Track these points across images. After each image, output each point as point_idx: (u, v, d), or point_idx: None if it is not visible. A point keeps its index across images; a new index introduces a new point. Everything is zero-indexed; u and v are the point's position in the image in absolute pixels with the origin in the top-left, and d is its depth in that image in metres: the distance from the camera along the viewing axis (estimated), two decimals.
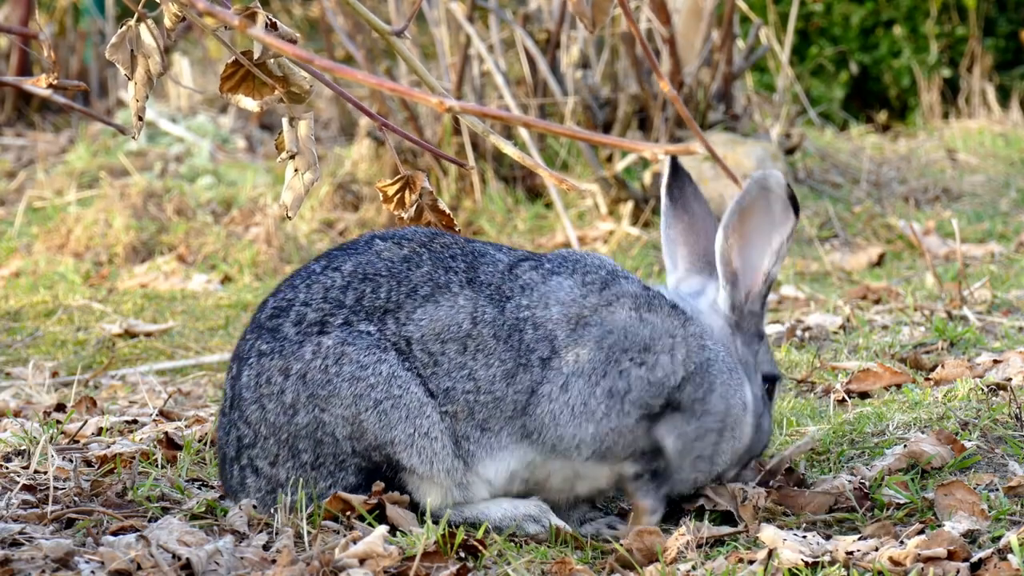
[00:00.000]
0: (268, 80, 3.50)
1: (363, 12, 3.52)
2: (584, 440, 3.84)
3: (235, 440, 3.89)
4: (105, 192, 9.34)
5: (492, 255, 3.93)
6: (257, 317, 3.95)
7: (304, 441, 3.81)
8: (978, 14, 13.34)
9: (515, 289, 3.87)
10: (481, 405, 3.81)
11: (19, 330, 7.01)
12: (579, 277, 3.91)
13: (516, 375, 3.81)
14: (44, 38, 3.43)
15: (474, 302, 3.84)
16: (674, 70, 8.98)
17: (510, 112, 6.25)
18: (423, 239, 3.92)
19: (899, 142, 11.67)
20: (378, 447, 3.79)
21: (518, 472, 3.87)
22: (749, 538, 3.85)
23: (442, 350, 3.82)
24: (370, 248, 3.92)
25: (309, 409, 3.80)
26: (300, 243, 8.76)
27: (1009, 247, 8.15)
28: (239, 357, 3.92)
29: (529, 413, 3.82)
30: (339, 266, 3.90)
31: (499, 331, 3.82)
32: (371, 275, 3.87)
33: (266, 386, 3.83)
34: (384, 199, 3.72)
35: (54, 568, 3.50)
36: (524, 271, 3.91)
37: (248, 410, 3.86)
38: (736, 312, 3.98)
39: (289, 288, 3.92)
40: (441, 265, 3.88)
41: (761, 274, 3.95)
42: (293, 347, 3.83)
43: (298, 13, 15.61)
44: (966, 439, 4.37)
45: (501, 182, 9.21)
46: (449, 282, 3.86)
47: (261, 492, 3.88)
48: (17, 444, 4.64)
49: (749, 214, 3.92)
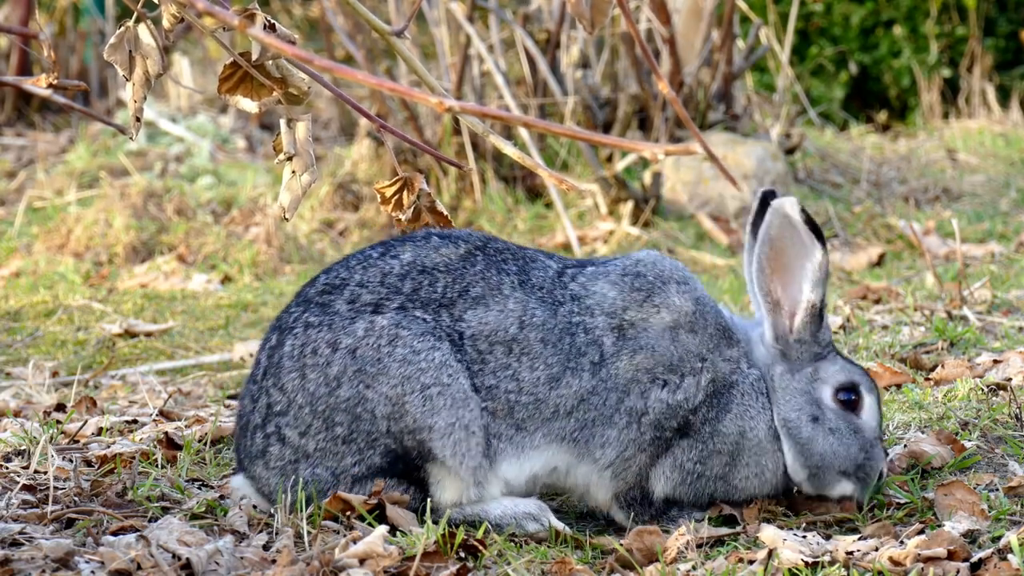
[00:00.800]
0: (266, 82, 3.49)
1: (363, 12, 3.52)
2: (610, 442, 3.90)
3: (264, 407, 3.90)
4: (105, 192, 9.34)
5: (543, 261, 4.00)
6: (305, 291, 3.98)
7: (342, 415, 3.83)
8: (978, 14, 13.34)
9: (566, 295, 3.93)
10: (522, 406, 3.88)
11: (19, 330, 7.01)
12: (628, 283, 3.96)
13: (562, 379, 3.88)
14: (44, 38, 3.43)
15: (524, 305, 3.90)
16: (674, 70, 8.98)
17: (510, 112, 6.25)
18: (479, 241, 3.99)
19: (899, 142, 11.67)
20: (414, 431, 3.81)
21: (540, 477, 3.94)
22: (749, 538, 3.85)
23: (490, 349, 3.88)
24: (428, 242, 3.97)
25: (354, 384, 3.83)
26: (300, 243, 8.76)
27: (1009, 247, 8.15)
28: (280, 328, 3.94)
29: (573, 416, 3.88)
30: (398, 255, 3.95)
31: (548, 335, 3.89)
32: (429, 268, 3.93)
33: (311, 356, 3.86)
34: (382, 200, 3.72)
35: (54, 568, 3.50)
36: (574, 276, 3.98)
37: (286, 378, 3.87)
38: (781, 342, 3.99)
39: (343, 268, 3.97)
40: (495, 267, 3.93)
41: (803, 303, 3.95)
42: (344, 322, 3.87)
43: (298, 13, 15.61)
44: (966, 439, 4.37)
45: (501, 182, 9.21)
46: (501, 284, 3.91)
47: (283, 462, 3.88)
48: (17, 444, 4.64)
49: (779, 244, 3.94)
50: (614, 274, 3.99)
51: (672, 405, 3.91)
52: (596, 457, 3.91)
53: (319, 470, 3.85)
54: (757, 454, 3.97)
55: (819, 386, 4.00)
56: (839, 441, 3.97)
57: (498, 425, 3.87)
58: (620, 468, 3.93)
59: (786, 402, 3.98)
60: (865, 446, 3.98)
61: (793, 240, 3.92)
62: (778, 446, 3.97)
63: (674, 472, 3.95)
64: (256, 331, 6.99)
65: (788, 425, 3.98)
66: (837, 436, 3.97)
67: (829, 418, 3.98)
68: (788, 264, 3.94)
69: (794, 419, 3.97)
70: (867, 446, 3.98)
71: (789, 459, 3.97)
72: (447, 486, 3.86)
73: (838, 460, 3.97)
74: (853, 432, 3.97)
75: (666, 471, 3.95)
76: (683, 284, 3.99)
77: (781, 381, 3.99)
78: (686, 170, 9.09)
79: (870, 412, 4.00)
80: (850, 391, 4.00)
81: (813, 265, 3.93)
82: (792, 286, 3.96)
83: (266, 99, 3.51)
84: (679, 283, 3.99)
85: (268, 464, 3.90)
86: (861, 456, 3.98)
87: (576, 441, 3.90)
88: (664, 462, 3.95)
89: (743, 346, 4.00)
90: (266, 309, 7.39)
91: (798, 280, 3.94)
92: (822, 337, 3.99)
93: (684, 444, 3.94)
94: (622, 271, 4.00)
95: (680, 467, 3.95)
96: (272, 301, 7.54)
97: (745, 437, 3.96)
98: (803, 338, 3.99)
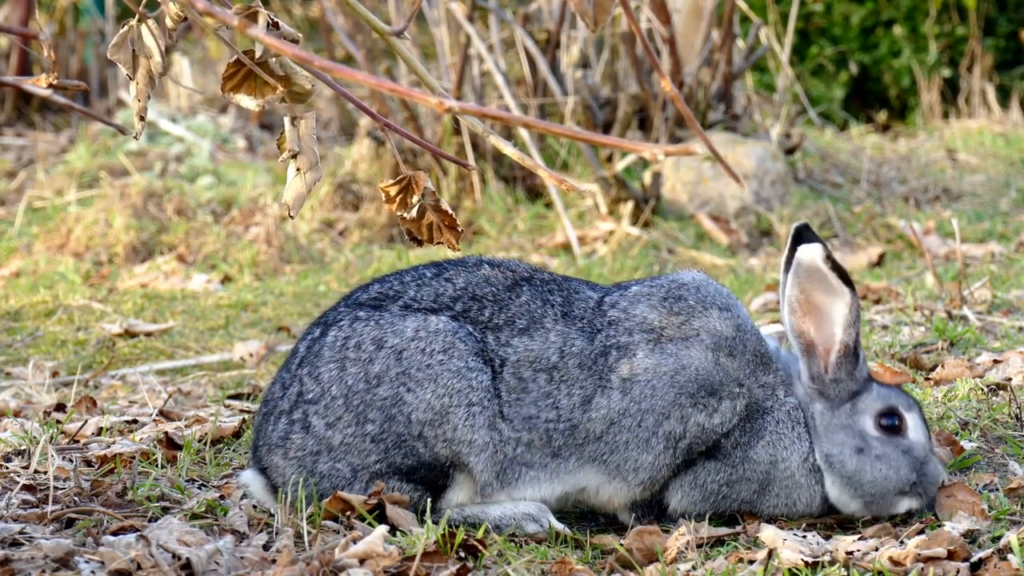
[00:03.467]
0: (270, 80, 3.49)
1: (363, 13, 3.52)
2: (644, 466, 3.92)
3: (295, 394, 3.90)
4: (105, 192, 9.34)
5: (585, 292, 4.02)
6: (356, 296, 4.00)
7: (376, 412, 3.85)
8: (978, 14, 13.34)
9: (604, 322, 3.96)
10: (559, 433, 3.90)
11: (19, 330, 7.01)
12: (666, 305, 3.97)
13: (593, 399, 3.90)
14: (44, 38, 3.43)
15: (564, 336, 3.93)
16: (674, 70, 8.98)
17: (510, 112, 6.25)
18: (525, 273, 4.02)
19: (899, 142, 11.67)
20: (453, 440, 3.83)
21: (571, 495, 3.98)
22: (749, 538, 3.85)
23: (533, 377, 3.90)
24: (479, 270, 4.01)
25: (395, 385, 3.84)
26: (300, 243, 8.76)
27: (1009, 247, 8.15)
28: (326, 323, 3.95)
29: (604, 440, 3.90)
30: (451, 278, 3.99)
31: (584, 360, 3.92)
32: (479, 296, 3.96)
33: (354, 350, 3.87)
34: (386, 200, 3.72)
35: (54, 568, 3.50)
36: (613, 301, 4.00)
37: (323, 368, 3.88)
38: (817, 382, 4.00)
39: (398, 282, 4.00)
40: (540, 297, 3.96)
41: (836, 344, 3.96)
42: (394, 319, 3.88)
43: (298, 13, 15.62)
44: (966, 439, 4.37)
45: (501, 182, 9.21)
46: (544, 316, 3.93)
47: (303, 452, 3.88)
48: (17, 444, 4.64)
49: (808, 287, 3.95)
50: (655, 297, 4.01)
51: (708, 429, 3.92)
52: (628, 479, 3.93)
53: (340, 464, 3.85)
54: (788, 487, 3.97)
55: (859, 418, 4.00)
56: (888, 466, 3.97)
57: (532, 455, 3.90)
58: (649, 484, 3.95)
59: (827, 438, 3.99)
60: (916, 464, 3.98)
61: (823, 285, 3.93)
62: (816, 479, 3.97)
63: (694, 491, 3.96)
64: (256, 331, 6.99)
65: (831, 460, 3.98)
66: (885, 461, 3.97)
67: (874, 446, 3.97)
68: (819, 307, 3.96)
69: (836, 454, 3.97)
70: (919, 463, 3.98)
71: (834, 493, 3.97)
72: (464, 489, 3.89)
73: (891, 484, 3.97)
74: (902, 454, 3.97)
75: (685, 488, 3.95)
76: (725, 311, 4.00)
77: (821, 419, 4.00)
78: (686, 170, 9.09)
79: (915, 430, 4.01)
80: (891, 415, 4.00)
81: (843, 308, 3.94)
82: (824, 327, 3.97)
83: (270, 97, 3.50)
84: (722, 309, 4.00)
85: (287, 453, 3.89)
86: (914, 475, 3.97)
87: (607, 463, 3.92)
88: (684, 478, 3.95)
89: (781, 375, 4.01)
90: (266, 309, 7.39)
91: (830, 322, 3.96)
92: (859, 374, 4.00)
93: (710, 466, 3.95)
94: (664, 294, 4.01)
95: (702, 487, 3.96)
96: (272, 301, 7.54)
97: (776, 467, 3.96)
98: (839, 377, 3.99)
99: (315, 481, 3.86)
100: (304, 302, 7.52)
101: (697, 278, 4.07)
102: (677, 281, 4.05)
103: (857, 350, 3.99)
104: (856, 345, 3.98)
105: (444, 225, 3.76)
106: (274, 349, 6.52)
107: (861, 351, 4.00)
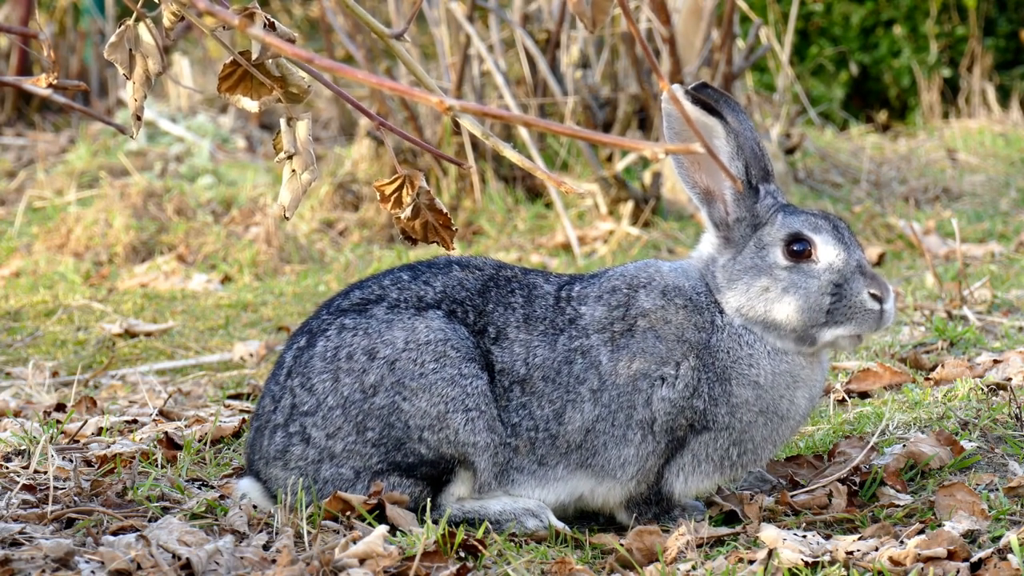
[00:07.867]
0: (266, 80, 3.49)
1: (363, 15, 3.51)
2: (628, 460, 3.90)
3: (288, 407, 3.88)
4: (105, 192, 9.34)
5: (542, 287, 3.97)
6: (337, 302, 3.97)
7: (375, 420, 3.84)
8: (978, 14, 13.34)
9: (565, 321, 3.93)
10: (540, 442, 3.89)
11: (19, 330, 7.00)
12: (607, 300, 3.94)
13: (566, 413, 3.88)
14: (44, 38, 3.43)
15: (527, 347, 3.90)
16: (674, 70, 8.98)
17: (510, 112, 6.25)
18: (491, 271, 3.99)
19: (899, 142, 11.67)
20: (456, 443, 3.84)
21: (567, 504, 3.98)
22: (749, 538, 3.85)
23: (510, 387, 3.89)
24: (450, 272, 3.98)
25: (391, 394, 3.83)
26: (300, 243, 8.76)
27: (1009, 247, 8.15)
28: (311, 332, 3.92)
29: (583, 448, 3.89)
30: (429, 280, 3.95)
31: (547, 372, 3.89)
32: (459, 300, 3.94)
33: (347, 361, 3.86)
34: (382, 198, 3.72)
35: (54, 568, 3.50)
36: (568, 296, 3.96)
37: (316, 379, 3.87)
38: (722, 228, 3.90)
39: (377, 285, 3.98)
40: (503, 303, 3.93)
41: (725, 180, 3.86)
42: (381, 326, 3.85)
43: (298, 13, 15.61)
44: (966, 439, 4.37)
45: (501, 182, 9.21)
46: (507, 324, 3.91)
47: (304, 462, 3.87)
48: (17, 444, 4.64)
49: (684, 136, 3.84)
50: (602, 292, 3.96)
51: (676, 400, 3.87)
52: (617, 476, 3.92)
53: (343, 469, 3.85)
54: (776, 408, 3.91)
55: (767, 252, 3.87)
56: (797, 297, 3.81)
57: (520, 460, 3.90)
58: (642, 476, 3.93)
59: (732, 291, 3.88)
60: (828, 288, 3.82)
61: (697, 126, 3.85)
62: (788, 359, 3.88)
63: (701, 467, 3.91)
64: (256, 331, 6.99)
65: (742, 312, 3.87)
66: (793, 292, 3.82)
67: (781, 278, 3.84)
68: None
69: (744, 303, 3.87)
70: (833, 286, 3.82)
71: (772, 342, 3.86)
72: (465, 484, 3.89)
73: (805, 315, 3.82)
74: (812, 279, 3.82)
75: (687, 469, 3.92)
76: (647, 286, 3.95)
77: (724, 272, 3.89)
78: None
79: (827, 251, 3.84)
80: (799, 241, 3.86)
81: (720, 142, 3.84)
82: (712, 168, 3.86)
83: (266, 98, 3.50)
84: (644, 286, 3.95)
85: (288, 464, 3.88)
86: (827, 299, 3.81)
87: (593, 467, 3.91)
88: (682, 460, 3.92)
89: (705, 297, 3.91)
90: (266, 309, 7.39)
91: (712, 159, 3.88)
92: (760, 208, 3.89)
93: (704, 438, 3.91)
94: (605, 289, 3.97)
95: (708, 459, 3.91)
96: (272, 301, 7.54)
97: (762, 394, 3.89)
98: (740, 215, 3.90)
99: (318, 488, 3.87)
100: (304, 302, 7.52)
101: (632, 266, 4.02)
102: (618, 272, 4.00)
103: (752, 180, 3.87)
104: (749, 176, 3.88)
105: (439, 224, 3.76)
106: (274, 349, 6.51)
107: (768, 181, 3.88)
